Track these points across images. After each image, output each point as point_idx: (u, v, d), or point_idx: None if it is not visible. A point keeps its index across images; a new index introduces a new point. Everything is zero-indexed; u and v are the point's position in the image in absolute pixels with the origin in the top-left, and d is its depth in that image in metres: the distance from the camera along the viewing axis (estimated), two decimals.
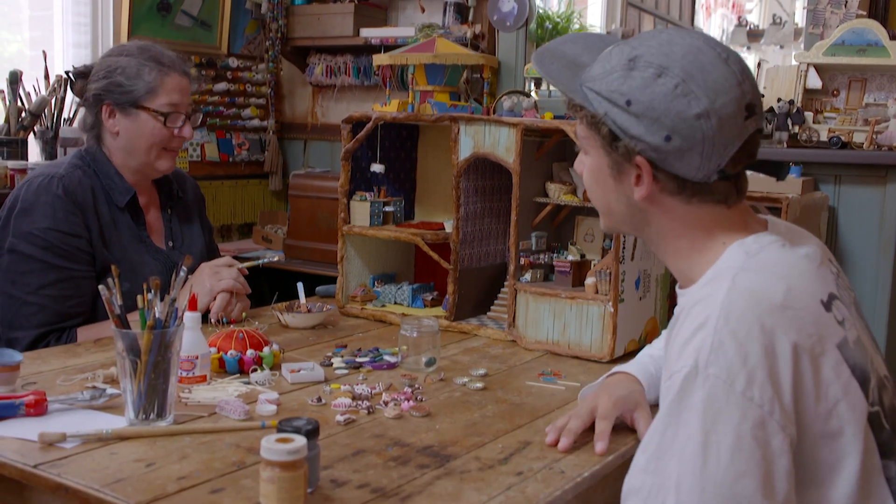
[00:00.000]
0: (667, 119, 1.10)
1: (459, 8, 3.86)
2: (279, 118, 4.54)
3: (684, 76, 1.09)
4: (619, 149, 1.15)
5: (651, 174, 1.15)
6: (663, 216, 1.19)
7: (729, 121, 1.09)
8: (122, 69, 2.00)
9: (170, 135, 2.03)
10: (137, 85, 1.99)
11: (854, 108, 3.39)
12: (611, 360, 1.79)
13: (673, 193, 1.16)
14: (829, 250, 1.28)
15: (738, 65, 1.12)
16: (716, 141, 1.10)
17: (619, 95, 1.13)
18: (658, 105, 1.10)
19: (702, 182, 1.13)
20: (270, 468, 1.01)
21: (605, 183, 1.22)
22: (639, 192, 1.17)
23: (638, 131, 1.12)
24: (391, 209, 2.23)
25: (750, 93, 1.12)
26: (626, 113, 1.12)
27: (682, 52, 1.11)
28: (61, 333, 1.90)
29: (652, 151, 1.12)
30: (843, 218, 3.23)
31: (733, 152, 1.11)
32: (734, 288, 1.07)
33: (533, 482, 1.19)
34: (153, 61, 2.02)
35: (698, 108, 1.09)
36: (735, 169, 1.14)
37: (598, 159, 1.21)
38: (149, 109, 2.00)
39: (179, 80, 2.04)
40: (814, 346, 1.05)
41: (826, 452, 1.06)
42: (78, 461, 1.18)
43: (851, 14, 3.39)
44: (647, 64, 1.11)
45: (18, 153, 3.24)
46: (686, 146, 1.10)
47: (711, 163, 1.11)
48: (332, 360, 1.72)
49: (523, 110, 2.09)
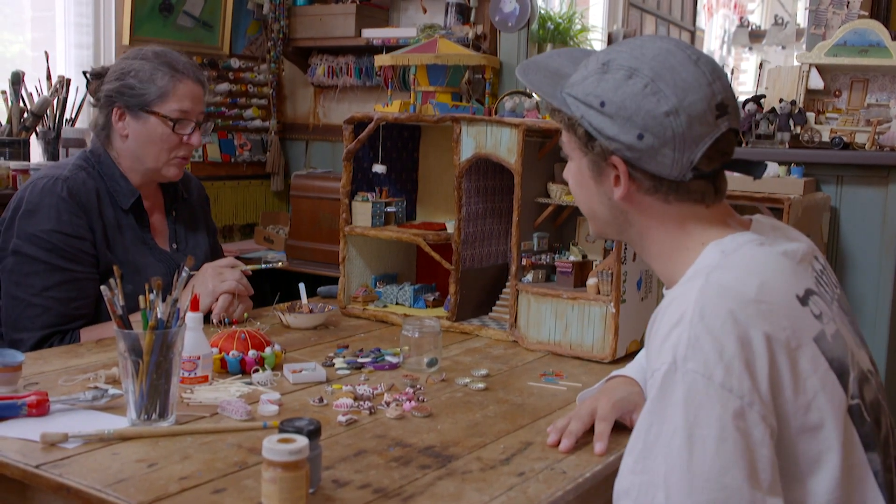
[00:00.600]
0: (638, 118, 1.14)
1: (461, 8, 3.87)
2: (281, 119, 4.54)
3: (653, 76, 1.14)
4: (594, 148, 1.19)
5: (627, 173, 1.19)
6: (643, 216, 1.23)
7: (698, 118, 1.13)
8: (135, 72, 2.00)
9: (178, 141, 2.01)
10: (149, 89, 1.99)
11: (856, 108, 3.39)
12: (612, 361, 1.80)
13: (650, 192, 1.19)
14: (826, 249, 1.30)
15: (708, 66, 1.16)
16: (686, 137, 1.13)
17: (594, 98, 1.17)
18: (629, 104, 1.14)
19: (678, 181, 1.17)
20: (272, 468, 1.01)
21: (587, 186, 1.26)
22: (618, 192, 1.21)
23: (612, 131, 1.16)
24: (393, 210, 2.23)
25: (721, 93, 1.15)
26: (600, 114, 1.17)
27: (653, 54, 1.16)
28: (65, 335, 1.90)
29: (627, 150, 1.16)
30: (846, 218, 3.23)
31: (704, 149, 1.14)
32: (708, 285, 1.09)
33: (534, 483, 1.19)
34: (167, 66, 2.01)
35: (667, 105, 1.13)
36: (710, 167, 1.17)
37: (579, 163, 1.26)
38: (158, 114, 1.99)
39: (192, 88, 2.03)
40: (789, 339, 1.07)
41: (807, 446, 1.07)
42: (80, 461, 1.19)
43: (853, 14, 3.38)
44: (618, 66, 1.16)
45: (21, 154, 3.24)
46: (658, 143, 1.14)
47: (684, 160, 1.14)
48: (333, 361, 1.72)
49: (525, 111, 2.09)
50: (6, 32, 3.73)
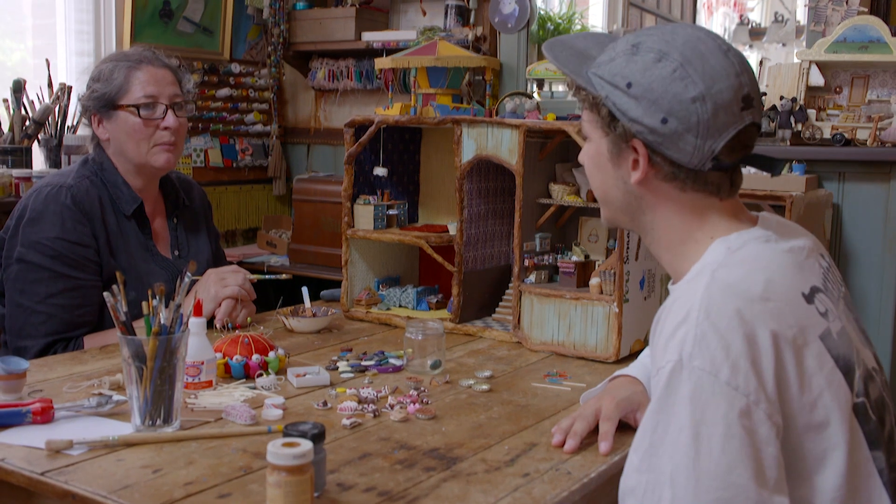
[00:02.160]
0: (664, 101, 1.13)
1: (461, 10, 3.87)
2: (282, 123, 4.55)
3: (682, 61, 1.13)
4: (616, 129, 1.18)
5: (647, 157, 1.17)
6: (658, 204, 1.21)
7: (724, 107, 1.12)
8: (98, 76, 2.03)
9: (153, 128, 2.01)
10: (110, 87, 2.00)
11: (857, 104, 3.38)
12: (616, 361, 1.79)
13: (668, 179, 1.18)
14: (829, 246, 1.30)
15: (737, 58, 1.15)
16: (710, 125, 1.12)
17: (621, 78, 1.16)
18: (656, 87, 1.13)
19: (696, 170, 1.16)
20: (277, 473, 1.01)
21: (604, 168, 1.25)
22: (635, 175, 1.19)
23: (636, 113, 1.15)
24: (395, 212, 2.23)
25: (748, 85, 1.14)
26: (626, 95, 1.16)
27: (683, 39, 1.15)
28: (69, 342, 1.90)
29: (649, 134, 1.15)
30: (848, 215, 3.22)
31: (727, 140, 1.13)
32: (713, 282, 1.09)
33: (539, 483, 1.19)
34: (124, 60, 2.03)
35: (694, 91, 1.12)
36: (730, 158, 1.16)
37: (598, 144, 1.24)
38: (124, 106, 2.00)
39: (154, 72, 2.02)
40: (795, 337, 1.06)
41: (813, 444, 1.07)
42: (85, 468, 1.19)
43: (853, 11, 3.38)
44: (648, 49, 1.15)
45: (23, 161, 3.25)
46: (681, 129, 1.13)
47: (705, 148, 1.14)
48: (337, 364, 1.72)
49: (526, 112, 2.09)
50: (7, 40, 3.74)
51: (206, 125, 4.20)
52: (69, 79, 3.49)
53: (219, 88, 4.19)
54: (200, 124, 4.17)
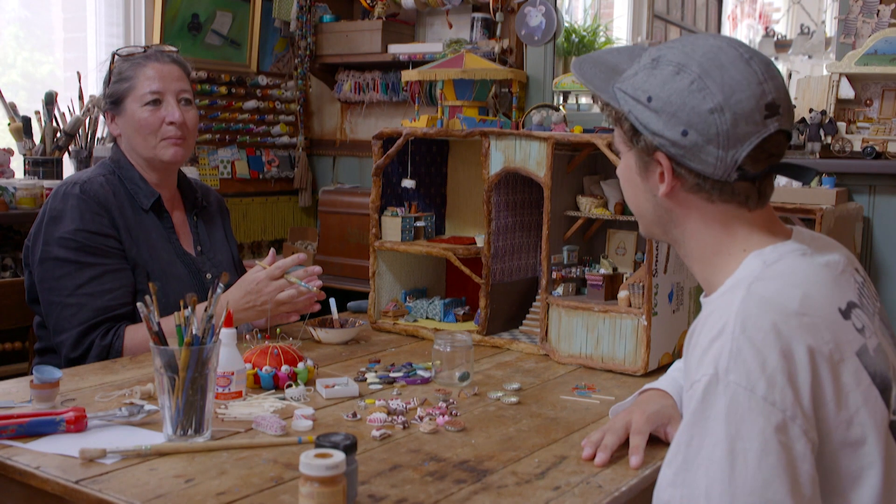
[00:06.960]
0: (682, 114, 1.13)
1: (487, 23, 3.88)
2: (308, 135, 4.58)
3: (701, 72, 1.13)
4: (639, 143, 1.19)
5: (671, 170, 1.18)
6: (687, 216, 1.21)
7: (744, 117, 1.12)
8: (110, 76, 2.09)
9: (159, 121, 2.04)
10: (121, 86, 2.05)
11: (888, 117, 3.35)
12: (645, 374, 1.78)
13: (694, 191, 1.18)
14: (859, 260, 1.28)
15: (762, 65, 1.14)
16: (731, 136, 1.12)
17: (642, 92, 1.17)
18: (675, 100, 1.14)
19: (722, 181, 1.15)
20: (310, 483, 1.02)
21: (634, 182, 1.26)
22: (662, 188, 1.20)
23: (657, 127, 1.16)
24: (422, 224, 2.23)
25: (773, 93, 1.13)
26: (647, 109, 1.16)
27: (703, 51, 1.15)
28: (107, 329, 1.90)
29: (671, 147, 1.15)
30: (879, 228, 3.19)
31: (750, 149, 1.13)
32: (750, 296, 1.08)
33: (570, 497, 1.18)
34: (130, 60, 2.08)
35: (712, 102, 1.11)
36: (756, 168, 1.15)
37: (627, 159, 1.26)
38: (131, 102, 2.05)
39: (159, 68, 2.07)
40: (832, 353, 1.05)
41: (849, 461, 1.06)
42: (118, 477, 1.20)
43: (884, 23, 3.35)
44: (667, 62, 1.16)
45: (53, 173, 3.30)
46: (702, 141, 1.13)
47: (728, 159, 1.13)
48: (365, 376, 1.73)
49: (553, 124, 2.09)
50: (37, 53, 3.79)
51: (233, 137, 4.23)
52: (99, 91, 3.53)
53: (246, 101, 4.22)
54: (227, 136, 4.20)
